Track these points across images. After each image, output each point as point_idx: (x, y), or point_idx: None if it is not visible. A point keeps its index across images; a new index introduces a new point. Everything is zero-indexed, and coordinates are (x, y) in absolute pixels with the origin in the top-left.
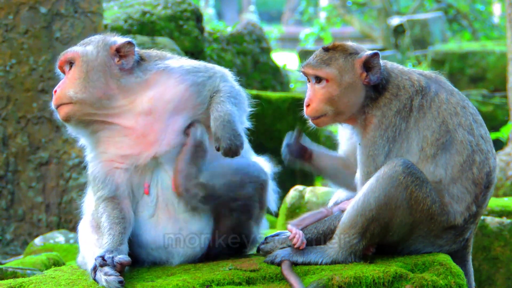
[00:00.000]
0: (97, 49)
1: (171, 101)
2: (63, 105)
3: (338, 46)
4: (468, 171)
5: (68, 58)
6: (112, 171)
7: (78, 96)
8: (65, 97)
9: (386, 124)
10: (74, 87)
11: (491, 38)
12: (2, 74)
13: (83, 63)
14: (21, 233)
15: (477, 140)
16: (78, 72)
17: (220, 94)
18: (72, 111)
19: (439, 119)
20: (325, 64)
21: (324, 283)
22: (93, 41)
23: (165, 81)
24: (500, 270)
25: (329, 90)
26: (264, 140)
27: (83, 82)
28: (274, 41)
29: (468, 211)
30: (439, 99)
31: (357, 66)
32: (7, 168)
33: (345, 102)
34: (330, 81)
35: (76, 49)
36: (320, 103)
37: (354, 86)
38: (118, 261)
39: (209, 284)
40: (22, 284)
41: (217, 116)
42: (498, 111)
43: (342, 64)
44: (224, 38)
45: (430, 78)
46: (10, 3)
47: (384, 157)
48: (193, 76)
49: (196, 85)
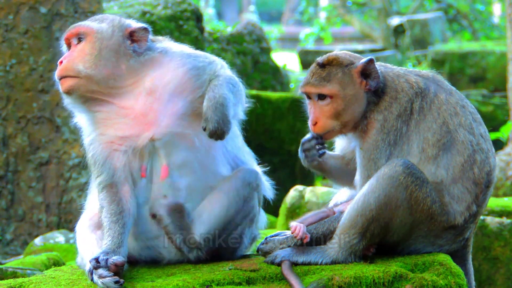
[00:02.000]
0: (112, 28)
1: (171, 82)
2: (69, 77)
3: (333, 60)
4: (469, 171)
5: (80, 32)
6: (111, 154)
7: (88, 71)
8: (72, 70)
9: (388, 128)
10: (84, 62)
11: (491, 38)
12: (2, 74)
13: (97, 40)
14: (21, 233)
15: (477, 139)
16: (90, 48)
17: (220, 78)
18: (77, 85)
19: (440, 120)
20: (325, 81)
21: (324, 283)
22: (106, 19)
23: (167, 62)
24: (500, 270)
25: (334, 106)
26: (264, 140)
27: (95, 59)
28: (274, 41)
29: (468, 211)
30: (439, 100)
31: (355, 76)
32: (7, 168)
33: (350, 113)
34: (334, 97)
35: (90, 25)
36: (327, 119)
37: (357, 96)
38: (112, 263)
39: (209, 284)
40: (22, 284)
41: (211, 97)
42: (498, 111)
43: (341, 77)
44: (224, 38)
45: (428, 78)
46: (10, 3)
47: (385, 161)
48: (193, 60)
49: (196, 69)
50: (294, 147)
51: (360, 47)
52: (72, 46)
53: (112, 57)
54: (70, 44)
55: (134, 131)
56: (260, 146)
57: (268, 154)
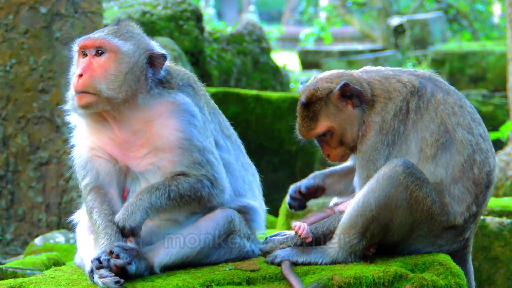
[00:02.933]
0: (138, 51)
1: (160, 139)
2: (88, 94)
3: (312, 96)
4: (469, 171)
5: (103, 45)
6: (94, 158)
7: (110, 93)
8: (94, 88)
9: (387, 129)
10: (107, 82)
11: (491, 38)
12: (2, 74)
13: (123, 61)
14: (21, 233)
15: (476, 139)
16: (116, 69)
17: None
18: (95, 103)
19: (438, 120)
20: (314, 121)
21: (324, 283)
22: (131, 37)
23: (169, 120)
24: (500, 270)
25: (334, 136)
26: (264, 140)
27: (119, 82)
28: (274, 41)
29: (468, 211)
30: (436, 99)
31: (338, 102)
32: (7, 168)
33: (351, 133)
34: (330, 129)
35: (116, 42)
36: (335, 149)
37: (349, 117)
38: (113, 264)
39: (209, 284)
40: (22, 284)
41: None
42: (498, 111)
43: (326, 110)
44: (224, 38)
45: (424, 78)
46: (10, 3)
47: (384, 161)
48: (188, 142)
49: (183, 154)
50: (294, 147)
51: (360, 47)
52: (89, 56)
53: (134, 84)
54: (85, 54)
55: (116, 153)
56: (260, 146)
57: (268, 154)
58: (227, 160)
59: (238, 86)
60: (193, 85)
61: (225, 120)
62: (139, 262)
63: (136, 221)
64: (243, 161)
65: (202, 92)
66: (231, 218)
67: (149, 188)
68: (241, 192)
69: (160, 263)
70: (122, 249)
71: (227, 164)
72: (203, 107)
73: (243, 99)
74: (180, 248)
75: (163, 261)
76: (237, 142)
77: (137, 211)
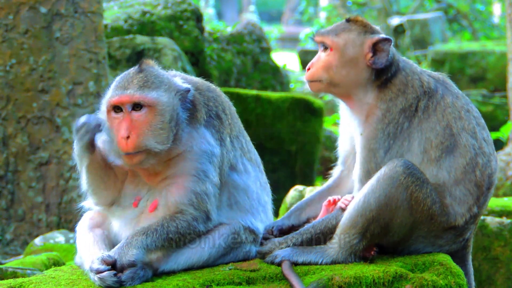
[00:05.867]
0: (172, 95)
1: (177, 172)
2: (139, 153)
3: (359, 21)
4: (471, 173)
5: (139, 101)
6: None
7: (159, 147)
8: (144, 146)
9: (390, 119)
10: (156, 138)
11: (491, 38)
12: (2, 74)
13: (165, 112)
14: (21, 233)
15: (479, 143)
16: (160, 122)
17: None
18: (147, 159)
19: (444, 123)
20: (335, 33)
21: (324, 283)
22: (162, 82)
23: (182, 168)
24: (500, 270)
25: (330, 58)
26: (264, 140)
27: (166, 134)
28: (274, 41)
29: (469, 212)
30: (445, 102)
31: (366, 45)
32: (7, 168)
33: (342, 75)
34: (334, 49)
35: (152, 95)
36: (318, 69)
37: (355, 63)
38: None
39: (209, 284)
40: (22, 284)
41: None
42: (498, 111)
43: (352, 37)
44: (224, 38)
45: (438, 80)
46: (10, 3)
47: (384, 153)
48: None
49: (191, 193)
50: (294, 147)
51: None
52: (126, 114)
53: (174, 128)
54: (122, 110)
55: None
56: (260, 146)
57: (268, 154)
58: (245, 184)
59: (238, 86)
60: (220, 116)
61: (249, 142)
62: (146, 271)
63: (134, 256)
64: (261, 181)
65: (228, 121)
66: (235, 229)
67: (145, 229)
68: (254, 213)
69: (164, 270)
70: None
71: (245, 187)
72: (225, 138)
73: (243, 99)
74: (187, 258)
75: (170, 268)
76: (257, 162)
77: (134, 248)
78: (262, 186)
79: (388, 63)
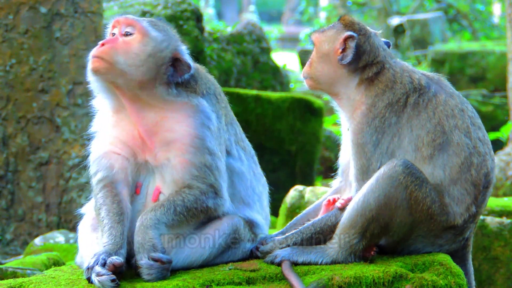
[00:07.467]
0: (167, 43)
1: (172, 133)
2: (102, 60)
3: (346, 20)
4: (466, 172)
5: (134, 25)
6: (109, 154)
7: (125, 68)
8: (110, 56)
9: (375, 114)
10: (126, 57)
11: (491, 38)
12: (2, 74)
13: (148, 45)
14: (21, 233)
15: (474, 142)
16: (139, 49)
17: (177, 196)
18: (106, 71)
19: (435, 120)
20: (321, 31)
21: (324, 283)
22: (165, 30)
23: (185, 117)
24: (500, 270)
25: (312, 56)
26: (264, 140)
27: (139, 61)
28: (274, 41)
29: (467, 211)
30: (437, 100)
31: (338, 42)
32: (7, 168)
33: (319, 70)
34: (315, 46)
35: (148, 27)
36: (307, 66)
37: (328, 58)
38: (110, 262)
39: (209, 284)
40: (22, 284)
41: (141, 221)
42: (498, 111)
43: (331, 34)
44: (224, 38)
45: (432, 79)
46: (10, 3)
47: (373, 147)
48: (200, 142)
49: (195, 153)
50: (294, 147)
51: None
52: (118, 33)
53: (153, 71)
54: (115, 32)
55: (135, 145)
56: (260, 146)
57: (268, 154)
58: (239, 170)
59: (238, 86)
60: (217, 96)
61: (242, 132)
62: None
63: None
64: (255, 171)
65: (223, 104)
66: (237, 227)
67: (153, 206)
68: (249, 203)
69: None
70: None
71: (240, 173)
72: (221, 116)
73: (243, 99)
74: (186, 256)
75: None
76: (251, 153)
77: (149, 229)
78: (257, 176)
79: (352, 59)
